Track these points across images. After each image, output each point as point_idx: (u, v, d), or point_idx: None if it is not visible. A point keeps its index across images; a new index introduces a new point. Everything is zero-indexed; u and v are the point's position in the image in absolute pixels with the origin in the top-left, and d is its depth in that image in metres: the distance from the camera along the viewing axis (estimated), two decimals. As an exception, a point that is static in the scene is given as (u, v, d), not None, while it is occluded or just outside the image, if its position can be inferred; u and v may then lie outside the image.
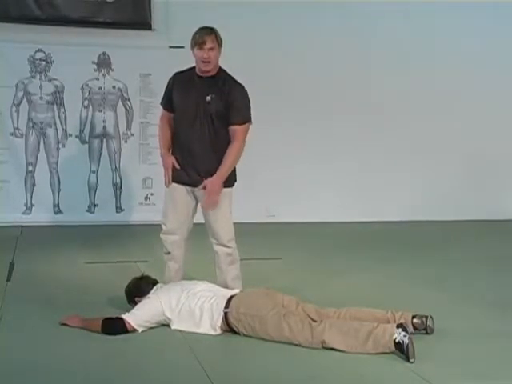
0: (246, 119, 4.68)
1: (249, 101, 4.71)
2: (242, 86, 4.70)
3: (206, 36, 4.56)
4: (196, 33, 4.64)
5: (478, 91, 8.65)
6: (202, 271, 4.96)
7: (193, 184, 4.74)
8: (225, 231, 4.75)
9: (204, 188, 4.67)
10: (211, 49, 4.56)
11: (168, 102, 4.83)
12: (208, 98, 4.62)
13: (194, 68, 4.74)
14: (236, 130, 4.65)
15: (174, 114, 4.80)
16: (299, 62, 8.17)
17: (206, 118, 4.64)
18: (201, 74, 4.68)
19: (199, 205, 4.81)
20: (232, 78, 4.71)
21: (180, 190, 4.77)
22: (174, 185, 4.79)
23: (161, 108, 4.95)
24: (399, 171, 8.57)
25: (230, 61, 4.86)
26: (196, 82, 4.69)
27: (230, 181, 4.76)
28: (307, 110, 8.26)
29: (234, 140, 4.65)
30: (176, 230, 4.82)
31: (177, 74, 4.85)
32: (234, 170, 4.80)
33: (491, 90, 8.67)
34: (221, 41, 4.63)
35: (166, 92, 4.87)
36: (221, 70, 4.71)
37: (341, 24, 8.22)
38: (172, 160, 4.78)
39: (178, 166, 4.76)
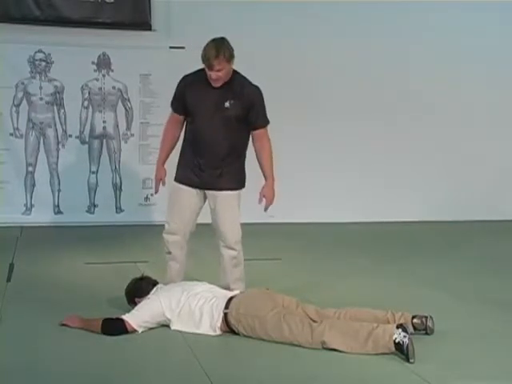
0: (268, 121, 4.79)
1: (264, 101, 4.77)
2: (258, 88, 4.73)
3: (212, 59, 4.48)
4: (205, 49, 4.53)
5: (479, 93, 8.65)
6: (203, 272, 4.97)
7: (204, 186, 4.74)
8: (232, 233, 4.76)
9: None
10: (219, 70, 4.52)
11: (179, 106, 4.77)
12: (227, 104, 4.61)
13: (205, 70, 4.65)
14: (261, 132, 4.76)
15: (188, 118, 4.76)
16: (299, 63, 8.16)
17: (225, 123, 4.63)
18: None
19: (207, 205, 4.81)
20: (247, 80, 4.72)
21: (187, 191, 4.77)
22: (182, 186, 4.79)
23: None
24: (399, 172, 8.57)
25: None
26: (212, 87, 4.62)
27: (239, 183, 4.78)
28: (307, 110, 8.25)
29: (263, 141, 4.75)
30: (178, 231, 4.82)
31: (187, 76, 4.80)
32: (244, 173, 4.83)
33: (493, 91, 8.67)
34: (230, 56, 4.53)
35: (176, 95, 4.81)
36: (235, 73, 4.68)
37: (342, 25, 8.23)
38: (162, 175, 4.88)
39: (164, 184, 4.88)
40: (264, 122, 4.77)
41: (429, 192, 8.61)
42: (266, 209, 4.79)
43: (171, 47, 7.65)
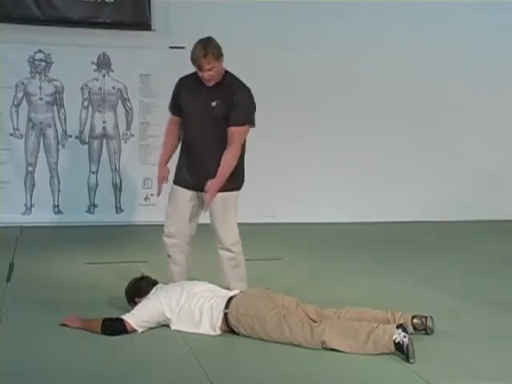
0: (245, 121, 4.63)
1: (253, 104, 4.67)
2: (248, 89, 4.66)
3: (201, 60, 4.47)
4: (192, 50, 4.53)
5: (478, 95, 8.65)
6: (203, 272, 4.96)
7: (200, 188, 4.69)
8: (228, 235, 4.74)
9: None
10: (209, 69, 4.51)
11: (175, 108, 4.81)
12: (213, 103, 4.60)
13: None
14: (234, 130, 4.60)
15: (183, 119, 4.77)
16: (299, 63, 8.16)
17: (213, 123, 4.62)
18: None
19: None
20: (238, 81, 4.68)
21: (184, 193, 4.76)
22: (178, 188, 4.77)
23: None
24: (399, 172, 8.57)
25: (229, 61, 4.84)
26: (203, 87, 4.62)
27: (235, 184, 4.73)
28: (307, 110, 8.25)
29: (230, 143, 4.59)
30: (176, 234, 4.80)
31: (182, 78, 4.83)
32: (241, 174, 4.77)
33: (492, 93, 8.67)
34: (219, 54, 4.52)
35: (172, 97, 4.84)
36: (226, 73, 4.66)
37: (342, 26, 8.22)
38: (165, 173, 4.83)
39: (167, 182, 4.82)
40: (240, 120, 4.59)
41: (428, 192, 8.60)
42: (206, 204, 4.64)
43: (171, 47, 7.64)
